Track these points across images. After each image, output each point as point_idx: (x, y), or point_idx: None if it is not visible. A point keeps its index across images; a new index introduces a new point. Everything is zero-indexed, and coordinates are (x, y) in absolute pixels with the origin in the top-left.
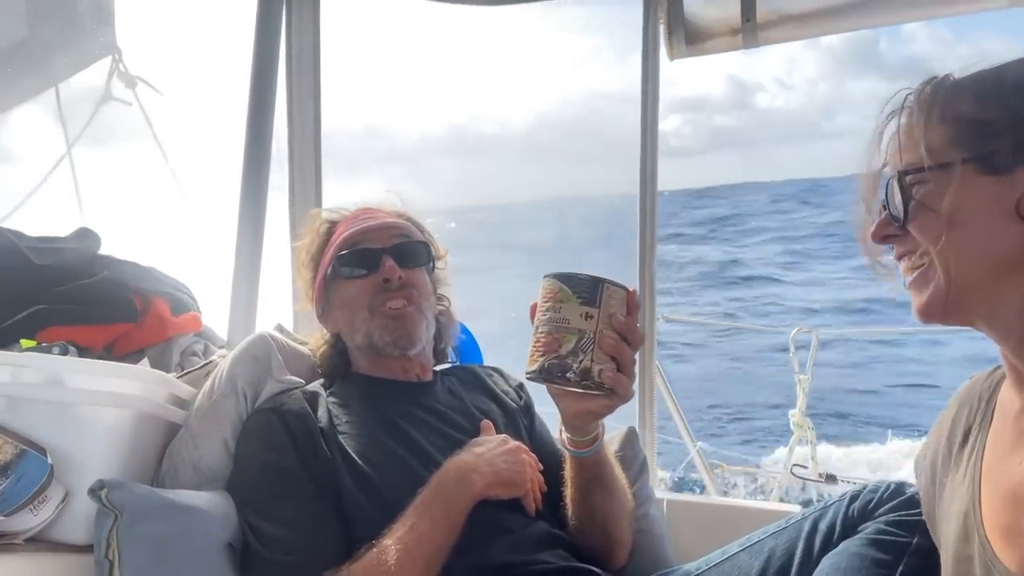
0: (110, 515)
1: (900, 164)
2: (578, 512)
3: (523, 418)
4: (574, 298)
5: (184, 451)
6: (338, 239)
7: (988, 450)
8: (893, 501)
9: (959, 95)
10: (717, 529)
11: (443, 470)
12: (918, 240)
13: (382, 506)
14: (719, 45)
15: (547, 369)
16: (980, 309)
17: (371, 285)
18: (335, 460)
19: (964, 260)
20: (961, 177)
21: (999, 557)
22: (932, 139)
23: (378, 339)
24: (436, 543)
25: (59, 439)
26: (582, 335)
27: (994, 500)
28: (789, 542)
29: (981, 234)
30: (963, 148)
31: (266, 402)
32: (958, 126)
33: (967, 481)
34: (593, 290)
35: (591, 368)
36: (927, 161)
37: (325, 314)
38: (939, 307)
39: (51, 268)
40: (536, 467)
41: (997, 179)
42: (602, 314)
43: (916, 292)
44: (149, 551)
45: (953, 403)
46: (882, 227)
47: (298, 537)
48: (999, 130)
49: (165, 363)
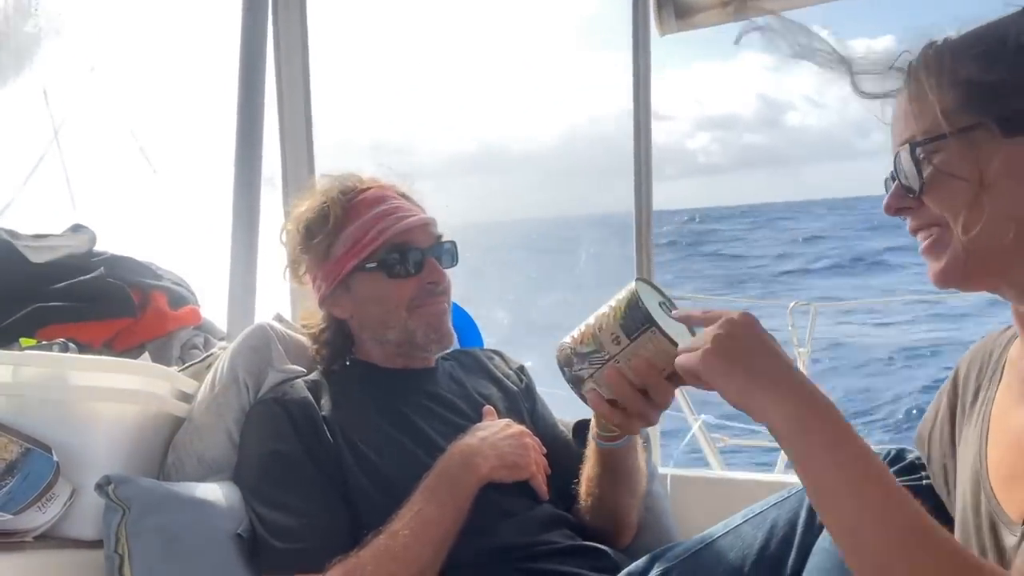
0: (118, 510)
1: (912, 133)
2: (590, 494)
3: (524, 401)
4: (619, 318)
5: (189, 444)
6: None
7: (996, 404)
8: (894, 467)
9: (962, 58)
10: (721, 502)
11: (447, 455)
12: (934, 210)
13: (388, 492)
14: (709, 18)
15: (560, 349)
16: (1002, 272)
17: (415, 285)
18: (339, 448)
19: (991, 225)
20: (973, 142)
21: (1002, 506)
22: (941, 106)
23: (421, 337)
24: (443, 527)
25: (64, 436)
26: (600, 350)
27: (999, 450)
28: (791, 512)
29: (1008, 198)
30: (974, 112)
31: (268, 392)
32: (967, 89)
33: (975, 434)
34: (636, 324)
35: (585, 381)
36: (947, 127)
37: (334, 299)
38: (958, 273)
39: (47, 266)
40: (540, 450)
41: (1012, 141)
42: (629, 350)
43: (932, 259)
44: (158, 544)
45: (964, 361)
46: (897, 199)
47: (305, 525)
48: (1008, 91)
49: (165, 357)
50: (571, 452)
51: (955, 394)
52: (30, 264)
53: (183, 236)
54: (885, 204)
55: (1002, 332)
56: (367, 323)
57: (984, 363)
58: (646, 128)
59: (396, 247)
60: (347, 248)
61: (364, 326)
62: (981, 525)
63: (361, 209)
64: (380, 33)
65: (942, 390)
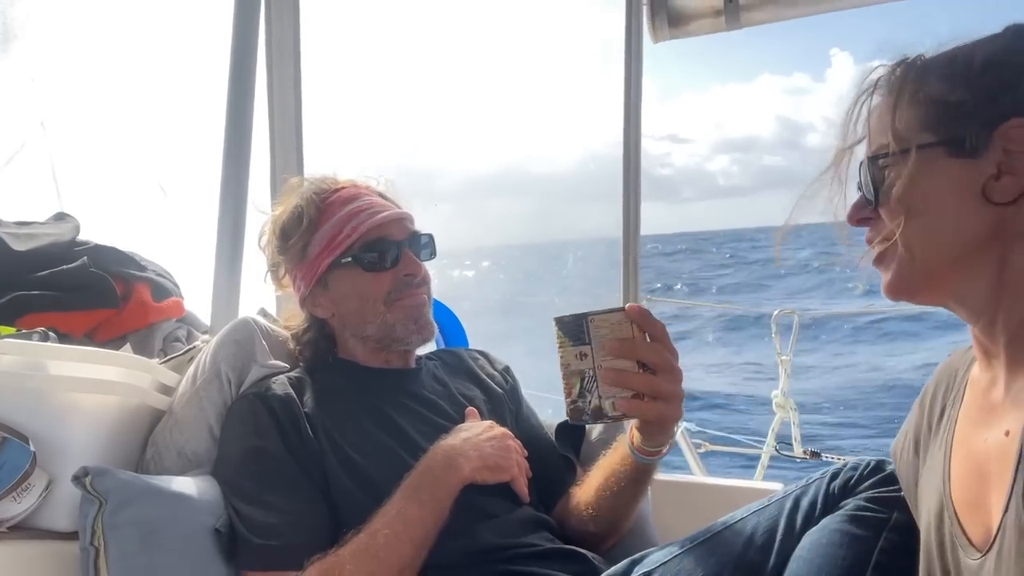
0: (95, 502)
1: (872, 147)
2: (600, 501)
3: (509, 403)
4: (567, 341)
5: (169, 437)
6: (349, 226)
7: (958, 426)
8: (873, 478)
9: (928, 76)
10: (701, 508)
11: (430, 454)
12: (886, 222)
13: (368, 491)
14: (702, 27)
15: (571, 416)
16: (948, 290)
17: (391, 278)
18: (321, 445)
19: (930, 243)
20: (926, 160)
21: (964, 531)
22: (901, 122)
23: (401, 330)
24: (424, 528)
25: (41, 426)
26: (583, 375)
27: (961, 474)
28: (771, 519)
29: (947, 218)
30: (932, 131)
31: (251, 387)
32: (927, 108)
33: (940, 455)
34: (578, 328)
35: (601, 406)
36: (899, 145)
37: (314, 298)
38: (906, 285)
39: (30, 254)
40: (522, 452)
41: (964, 162)
42: (595, 349)
43: (883, 270)
44: (135, 537)
45: (933, 379)
46: (857, 209)
47: (284, 522)
48: (967, 112)
49: (147, 349)
50: (554, 455)
51: (921, 413)
52: (12, 251)
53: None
54: (848, 213)
55: (967, 350)
56: (347, 319)
57: (950, 382)
58: (635, 139)
59: (371, 242)
60: (323, 246)
61: (345, 323)
62: (944, 546)
63: (335, 207)
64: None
65: (912, 407)
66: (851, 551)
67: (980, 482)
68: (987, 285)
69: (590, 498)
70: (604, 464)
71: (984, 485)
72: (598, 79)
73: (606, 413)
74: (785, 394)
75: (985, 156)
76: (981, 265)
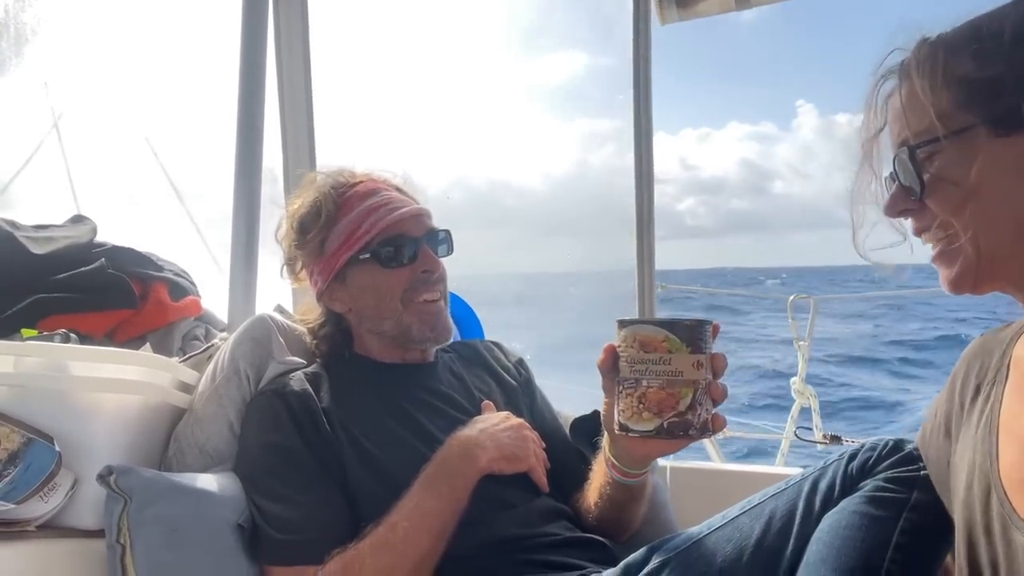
0: (120, 500)
1: (908, 135)
2: (602, 513)
3: (524, 395)
4: (684, 347)
5: (190, 434)
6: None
7: (1005, 405)
8: (892, 458)
9: (957, 54)
10: (720, 494)
11: (447, 446)
12: (936, 212)
13: (387, 485)
14: (711, 7)
15: (667, 429)
16: (1011, 274)
17: (408, 275)
18: (339, 440)
19: (993, 229)
20: (970, 143)
21: (1016, 509)
22: (937, 106)
23: (416, 332)
24: (442, 519)
25: (66, 426)
26: (696, 387)
27: (1011, 452)
28: (789, 503)
29: (1007, 199)
30: (971, 111)
31: (269, 384)
32: (963, 88)
33: (980, 436)
34: (700, 334)
35: (708, 421)
36: (941, 130)
37: (331, 293)
38: (970, 279)
39: (48, 257)
40: (539, 443)
41: (1010, 139)
42: (709, 359)
43: (944, 266)
44: (160, 534)
45: (963, 361)
46: (897, 201)
47: (304, 517)
48: (1006, 88)
49: (167, 348)
50: (570, 446)
51: (951, 396)
52: (31, 255)
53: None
54: (886, 206)
55: (1001, 329)
56: (364, 314)
57: (985, 362)
58: (647, 133)
59: (389, 238)
60: (341, 241)
61: (361, 318)
62: (991, 526)
63: (353, 202)
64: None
65: (942, 390)
66: (871, 532)
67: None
68: None
69: (591, 509)
70: (593, 482)
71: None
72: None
73: (710, 429)
74: (803, 380)
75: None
76: None
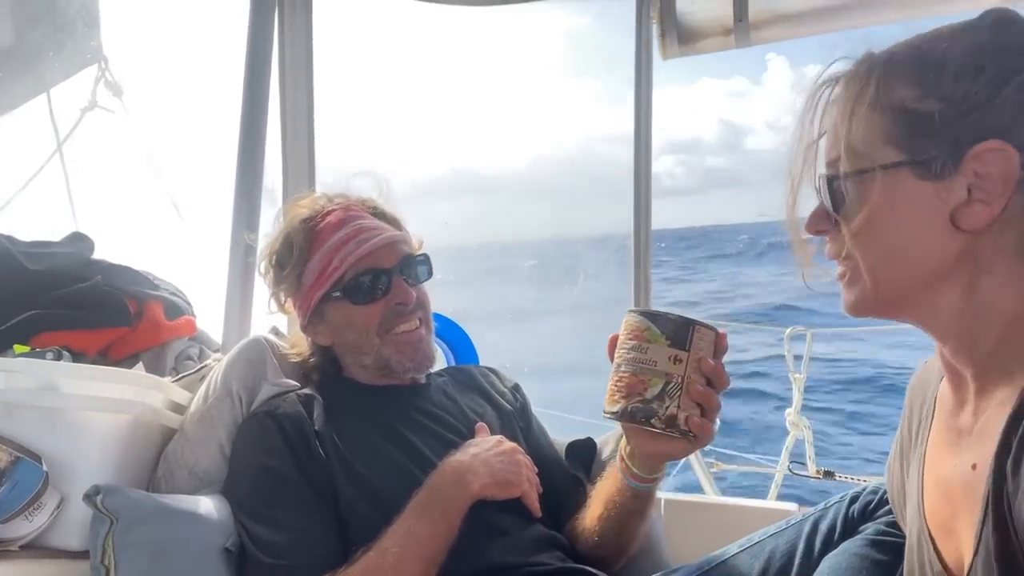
0: (106, 521)
1: (837, 155)
2: (604, 529)
3: (519, 420)
4: (662, 339)
5: (180, 455)
6: (337, 257)
7: (929, 446)
8: (878, 496)
9: (894, 78)
10: (714, 528)
11: (439, 471)
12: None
13: (379, 508)
14: (712, 45)
15: (629, 412)
16: (912, 313)
17: (382, 308)
18: (331, 463)
19: (894, 268)
20: (890, 181)
21: (938, 555)
22: (860, 132)
23: (396, 364)
24: (434, 545)
25: (54, 445)
26: (669, 379)
27: (933, 498)
28: (789, 543)
29: (913, 243)
30: (896, 147)
31: (261, 405)
32: (897, 118)
33: (915, 475)
34: (683, 332)
35: (677, 415)
36: (866, 161)
37: (313, 327)
38: (867, 307)
39: (44, 273)
40: (532, 469)
41: (932, 184)
42: (691, 358)
43: (845, 289)
44: (145, 556)
45: (910, 390)
46: (816, 220)
47: (294, 541)
48: (937, 128)
49: (160, 367)
50: (565, 472)
51: (906, 423)
52: (27, 270)
53: (181, 247)
54: (806, 223)
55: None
56: (346, 349)
57: (924, 397)
58: (646, 147)
59: (360, 272)
60: (314, 278)
61: (344, 351)
62: (924, 568)
63: (325, 235)
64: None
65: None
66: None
67: (950, 508)
68: (953, 311)
69: (593, 525)
70: (601, 492)
71: (953, 511)
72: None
73: (679, 425)
74: (798, 412)
75: (955, 179)
76: (946, 292)
